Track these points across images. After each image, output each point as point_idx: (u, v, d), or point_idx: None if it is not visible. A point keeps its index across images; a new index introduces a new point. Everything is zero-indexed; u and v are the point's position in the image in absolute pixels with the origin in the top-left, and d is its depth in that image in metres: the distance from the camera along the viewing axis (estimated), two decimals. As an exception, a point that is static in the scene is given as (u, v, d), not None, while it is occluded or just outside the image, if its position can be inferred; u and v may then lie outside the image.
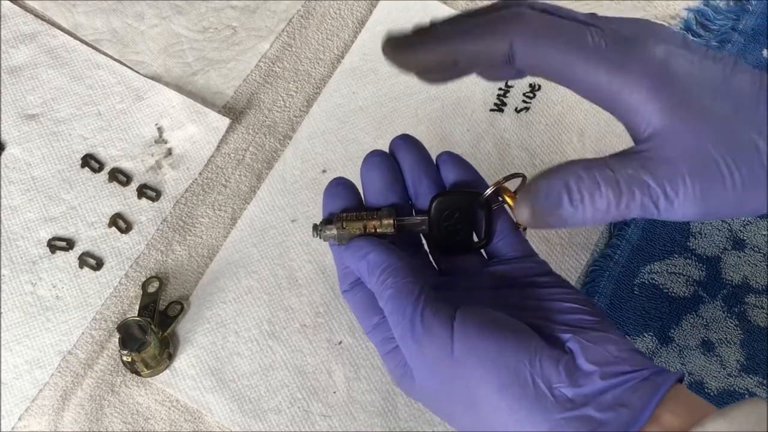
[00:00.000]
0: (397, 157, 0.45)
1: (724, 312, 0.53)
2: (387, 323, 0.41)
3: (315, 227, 0.43)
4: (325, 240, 0.43)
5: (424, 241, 0.46)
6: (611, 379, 0.36)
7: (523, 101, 0.60)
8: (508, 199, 0.42)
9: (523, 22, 0.36)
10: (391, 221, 0.42)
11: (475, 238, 0.44)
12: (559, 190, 0.36)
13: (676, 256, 0.55)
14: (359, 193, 0.45)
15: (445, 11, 0.64)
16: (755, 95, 0.35)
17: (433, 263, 0.46)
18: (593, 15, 0.37)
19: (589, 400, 0.35)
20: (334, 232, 0.43)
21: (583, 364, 0.37)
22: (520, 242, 0.44)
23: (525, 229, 0.45)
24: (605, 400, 0.35)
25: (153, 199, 0.57)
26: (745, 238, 0.55)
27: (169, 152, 0.59)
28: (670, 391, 0.35)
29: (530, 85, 0.61)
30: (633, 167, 0.35)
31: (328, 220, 0.43)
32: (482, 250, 0.45)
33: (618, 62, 0.35)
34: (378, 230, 0.43)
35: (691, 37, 0.62)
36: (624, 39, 0.36)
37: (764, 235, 0.55)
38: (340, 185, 0.44)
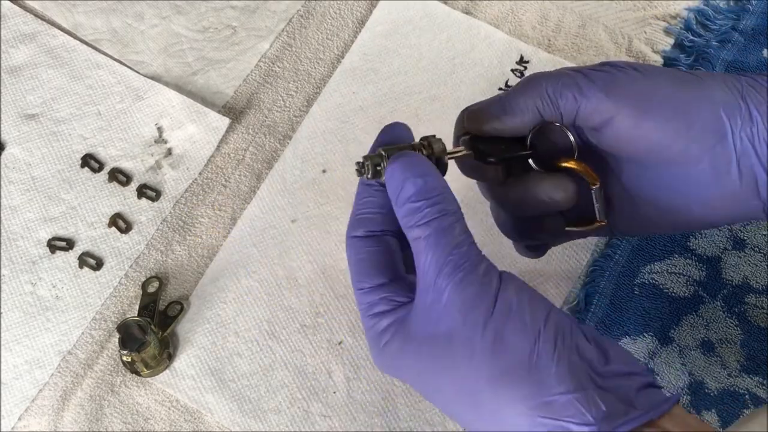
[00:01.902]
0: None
1: (724, 312, 0.53)
2: (391, 287, 0.40)
3: (360, 163, 0.40)
4: (371, 177, 0.40)
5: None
6: (630, 375, 0.36)
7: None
8: None
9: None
10: (442, 146, 0.41)
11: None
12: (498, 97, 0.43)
13: (677, 256, 0.55)
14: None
15: (444, 11, 0.64)
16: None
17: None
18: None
19: (619, 377, 0.35)
20: (386, 159, 0.39)
21: (612, 357, 0.36)
22: None
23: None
24: (632, 383, 0.35)
25: (153, 199, 0.57)
26: (745, 238, 0.55)
27: (169, 152, 0.59)
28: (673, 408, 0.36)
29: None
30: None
31: (375, 155, 0.40)
32: None
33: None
34: (427, 150, 0.41)
35: (690, 36, 0.62)
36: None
37: (764, 235, 0.55)
38: (398, 126, 0.43)
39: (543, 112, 0.42)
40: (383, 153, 0.40)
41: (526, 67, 0.61)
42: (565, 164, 0.44)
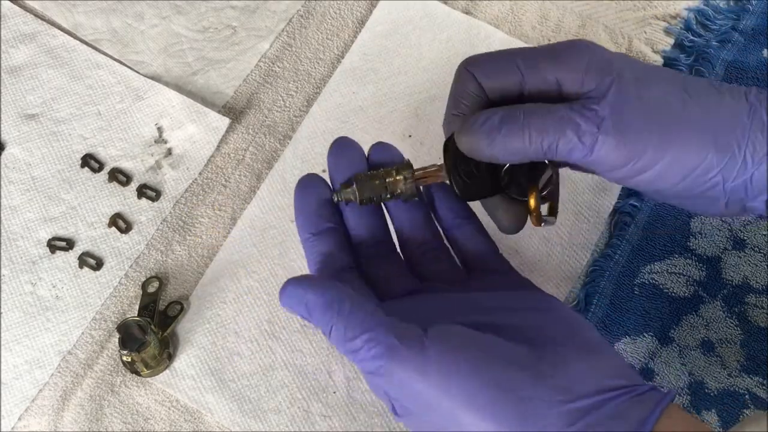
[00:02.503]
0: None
1: (724, 312, 0.53)
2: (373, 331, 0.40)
3: (335, 191, 0.44)
4: (346, 202, 0.44)
5: (397, 245, 0.46)
6: (609, 393, 0.36)
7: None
8: None
9: (476, 63, 0.44)
10: (410, 171, 0.43)
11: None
12: (494, 123, 0.41)
13: (677, 256, 0.55)
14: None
15: (444, 11, 0.64)
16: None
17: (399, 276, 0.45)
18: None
19: (586, 414, 0.35)
20: (355, 192, 0.43)
21: (577, 379, 0.36)
22: (483, 240, 0.46)
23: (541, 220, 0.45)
24: (603, 413, 0.35)
25: (153, 199, 0.57)
26: (745, 238, 0.55)
27: (169, 152, 0.59)
28: (666, 409, 0.35)
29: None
30: (568, 108, 0.40)
31: (347, 183, 0.44)
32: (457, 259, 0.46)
33: (562, 55, 0.42)
34: (398, 185, 0.43)
35: (690, 37, 0.62)
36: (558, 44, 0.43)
37: (764, 235, 0.55)
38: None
39: (534, 158, 0.41)
40: (354, 187, 0.44)
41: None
42: (529, 196, 0.43)
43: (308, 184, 0.45)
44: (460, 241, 0.46)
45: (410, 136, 0.59)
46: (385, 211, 0.46)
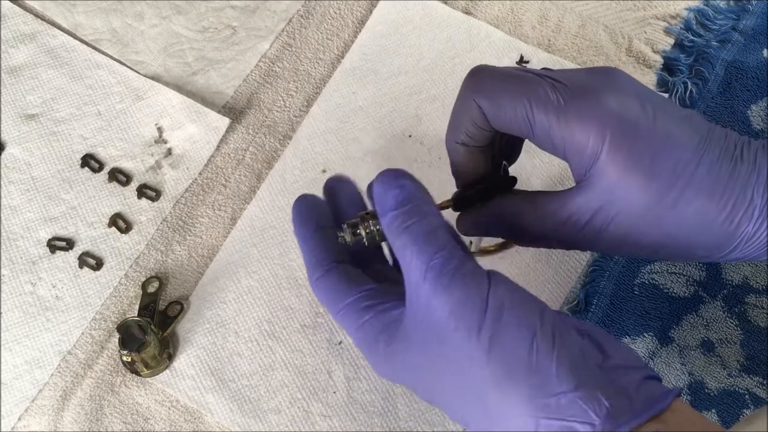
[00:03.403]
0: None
1: (724, 312, 0.53)
2: (368, 295, 0.40)
3: (343, 231, 0.42)
4: (356, 245, 0.42)
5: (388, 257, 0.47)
6: (631, 368, 0.36)
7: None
8: None
9: (484, 84, 0.42)
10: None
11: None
12: (485, 227, 0.44)
13: (677, 256, 0.55)
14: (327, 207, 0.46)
15: (444, 11, 0.64)
16: (696, 158, 0.39)
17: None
18: (548, 70, 0.42)
19: (618, 372, 0.35)
20: (362, 233, 0.42)
21: (608, 350, 0.36)
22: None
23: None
24: (632, 378, 0.35)
25: (153, 199, 0.57)
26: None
27: (169, 152, 0.59)
28: (673, 404, 0.35)
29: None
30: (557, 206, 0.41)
31: (353, 224, 0.42)
32: None
33: (572, 113, 0.39)
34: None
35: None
36: (578, 91, 0.40)
37: (764, 235, 0.55)
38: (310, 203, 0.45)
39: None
40: (360, 221, 0.42)
41: (526, 67, 0.61)
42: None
43: (305, 196, 0.45)
44: None
45: (410, 136, 0.59)
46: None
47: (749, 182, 0.39)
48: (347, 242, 0.42)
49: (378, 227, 0.41)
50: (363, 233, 0.42)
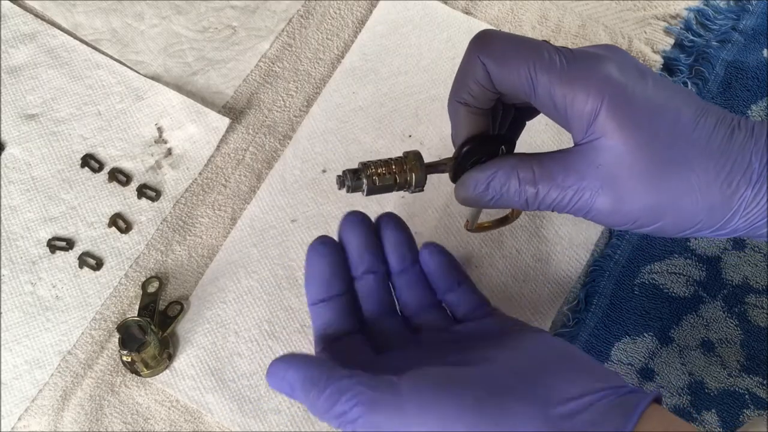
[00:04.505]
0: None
1: (724, 312, 0.53)
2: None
3: (341, 178, 0.43)
4: (353, 191, 0.43)
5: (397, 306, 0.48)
6: (589, 397, 0.36)
7: (523, 101, 0.60)
8: None
9: (488, 51, 0.41)
10: (419, 161, 0.43)
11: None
12: (484, 185, 0.42)
13: (677, 256, 0.55)
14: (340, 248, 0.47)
15: (444, 11, 0.64)
16: (693, 122, 0.39)
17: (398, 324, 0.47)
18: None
19: (566, 420, 0.35)
20: (363, 181, 0.42)
21: (558, 386, 0.36)
22: (475, 297, 0.48)
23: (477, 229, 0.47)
24: (583, 418, 0.35)
25: (153, 199, 0.57)
26: (745, 238, 0.55)
27: (169, 152, 0.59)
28: (647, 411, 0.35)
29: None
30: (559, 166, 0.40)
31: (355, 170, 0.43)
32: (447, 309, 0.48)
33: (573, 73, 0.40)
34: (407, 175, 0.43)
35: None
36: (581, 56, 0.40)
37: (764, 235, 0.55)
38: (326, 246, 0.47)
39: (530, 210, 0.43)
40: (362, 174, 0.43)
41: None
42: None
43: (321, 249, 0.46)
44: (453, 304, 0.48)
45: (410, 136, 0.59)
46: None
47: (747, 147, 0.39)
48: (347, 189, 0.43)
49: (378, 173, 0.42)
50: (364, 182, 0.42)
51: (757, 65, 0.61)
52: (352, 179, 0.42)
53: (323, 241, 0.46)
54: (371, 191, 0.43)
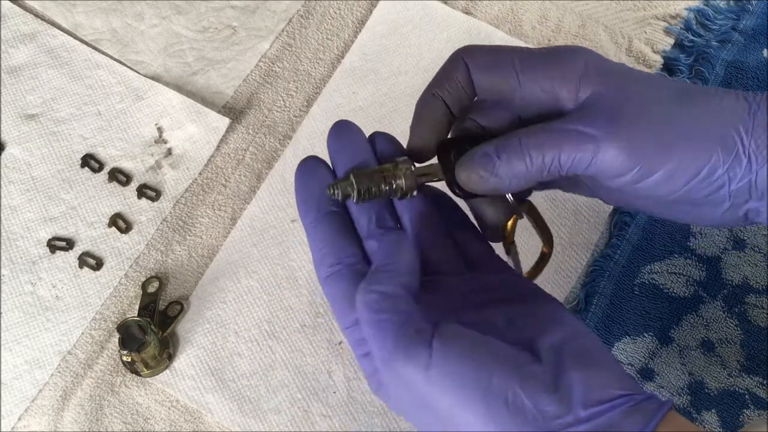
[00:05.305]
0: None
1: (724, 312, 0.53)
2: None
3: (331, 188, 0.41)
4: (342, 198, 0.41)
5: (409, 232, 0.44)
6: (605, 404, 0.35)
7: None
8: None
9: (471, 53, 0.42)
10: (410, 168, 0.41)
11: None
12: (490, 152, 0.40)
13: (677, 256, 0.55)
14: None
15: (444, 11, 0.64)
16: (674, 84, 0.42)
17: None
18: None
19: (582, 424, 0.35)
20: (353, 185, 0.41)
21: (575, 388, 0.36)
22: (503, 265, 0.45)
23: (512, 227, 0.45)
24: (599, 424, 0.35)
25: (153, 199, 0.57)
26: (745, 238, 0.55)
27: (169, 152, 0.59)
28: (664, 419, 0.35)
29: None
30: (565, 122, 0.40)
31: (345, 180, 0.41)
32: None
33: (556, 55, 0.42)
34: (397, 178, 0.41)
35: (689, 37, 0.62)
36: (561, 47, 0.43)
37: (764, 235, 0.55)
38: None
39: (541, 179, 0.41)
40: (352, 182, 0.41)
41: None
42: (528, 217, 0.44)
43: (309, 167, 0.43)
44: (461, 242, 0.45)
45: (410, 136, 0.59)
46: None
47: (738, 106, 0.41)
48: (338, 198, 0.41)
49: (368, 182, 0.41)
50: (354, 196, 0.41)
51: (757, 65, 0.61)
52: (343, 189, 0.41)
53: (310, 159, 0.44)
54: (362, 200, 0.41)
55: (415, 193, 0.42)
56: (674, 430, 0.35)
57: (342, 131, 0.43)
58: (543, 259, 0.45)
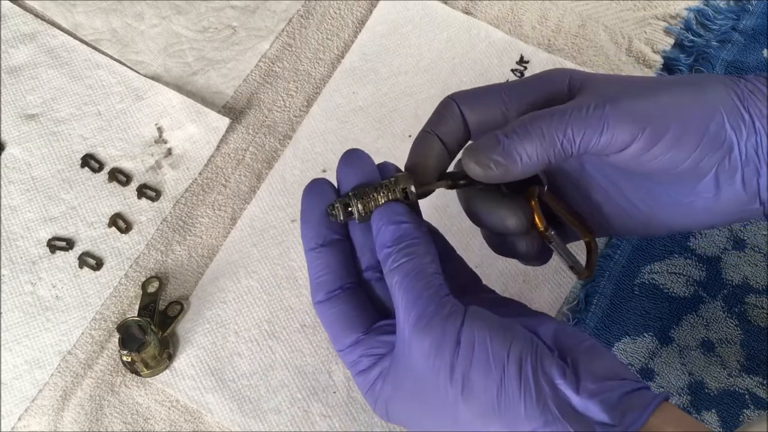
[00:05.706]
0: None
1: (724, 312, 0.53)
2: (367, 341, 0.40)
3: (332, 209, 0.41)
4: (344, 220, 0.41)
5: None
6: (611, 381, 0.36)
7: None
8: None
9: (459, 94, 0.44)
10: (411, 186, 0.41)
11: None
12: (498, 135, 0.40)
13: (677, 256, 0.55)
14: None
15: (444, 11, 0.64)
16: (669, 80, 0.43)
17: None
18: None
19: (590, 400, 0.36)
20: (359, 207, 0.40)
21: (584, 370, 0.37)
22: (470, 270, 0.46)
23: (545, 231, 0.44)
24: (607, 399, 0.36)
25: (153, 199, 0.57)
26: (745, 238, 0.55)
27: (169, 152, 0.59)
28: (661, 406, 0.36)
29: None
30: (568, 107, 0.40)
31: (345, 201, 0.41)
32: None
33: (545, 76, 0.43)
34: (397, 187, 0.41)
35: (691, 37, 0.62)
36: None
37: (764, 235, 0.55)
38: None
39: (553, 159, 0.40)
40: (351, 196, 0.41)
41: (526, 67, 0.62)
42: (557, 212, 0.44)
43: (316, 190, 0.43)
44: (448, 272, 0.44)
45: (410, 136, 0.59)
46: None
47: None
48: (339, 220, 0.41)
49: (368, 200, 0.41)
50: (355, 211, 0.41)
51: (757, 65, 0.61)
52: (343, 211, 0.41)
53: (317, 182, 0.44)
54: (363, 219, 0.41)
55: (413, 188, 0.41)
56: (670, 418, 0.36)
57: (351, 158, 0.43)
58: (591, 250, 0.45)
